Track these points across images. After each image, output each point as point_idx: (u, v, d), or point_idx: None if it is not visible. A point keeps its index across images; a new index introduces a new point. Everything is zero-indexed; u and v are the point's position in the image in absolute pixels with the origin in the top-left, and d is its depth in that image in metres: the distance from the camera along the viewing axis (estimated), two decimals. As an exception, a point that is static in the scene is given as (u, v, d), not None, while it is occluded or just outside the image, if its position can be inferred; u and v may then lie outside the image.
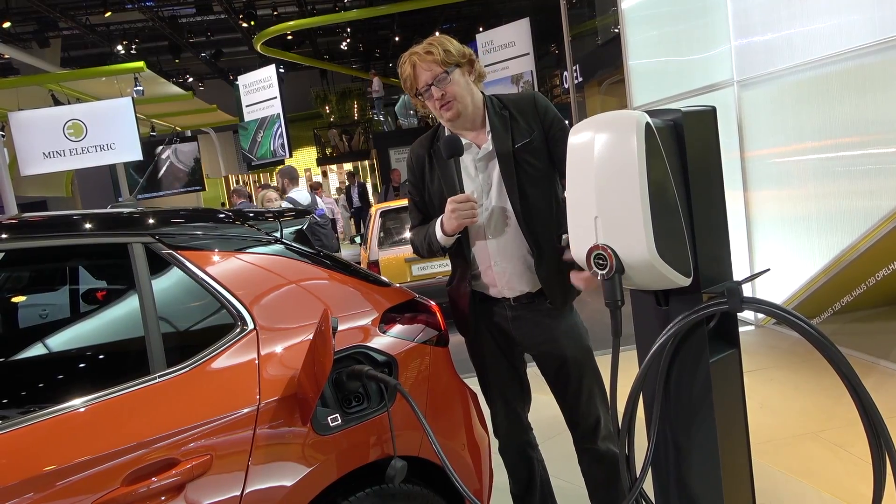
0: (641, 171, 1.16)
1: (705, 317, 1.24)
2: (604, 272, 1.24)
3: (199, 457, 1.48)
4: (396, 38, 20.35)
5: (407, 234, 6.65)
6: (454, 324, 2.25)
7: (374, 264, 6.28)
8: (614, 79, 9.59)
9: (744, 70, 4.97)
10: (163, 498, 1.44)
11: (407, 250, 6.33)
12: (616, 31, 11.52)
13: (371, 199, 16.45)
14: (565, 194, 1.38)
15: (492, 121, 2.08)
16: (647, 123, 1.18)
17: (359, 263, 5.09)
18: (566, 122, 2.10)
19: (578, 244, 1.31)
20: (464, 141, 2.09)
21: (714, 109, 1.30)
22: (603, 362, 2.22)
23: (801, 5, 4.27)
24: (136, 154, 10.94)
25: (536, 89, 11.58)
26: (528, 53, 11.52)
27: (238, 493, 1.53)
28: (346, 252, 12.17)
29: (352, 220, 16.40)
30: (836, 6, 4.01)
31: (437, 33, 2.24)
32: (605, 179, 1.21)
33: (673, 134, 1.24)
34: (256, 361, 1.64)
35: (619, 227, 1.22)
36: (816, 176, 4.44)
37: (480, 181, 2.09)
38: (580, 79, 9.47)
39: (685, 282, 1.25)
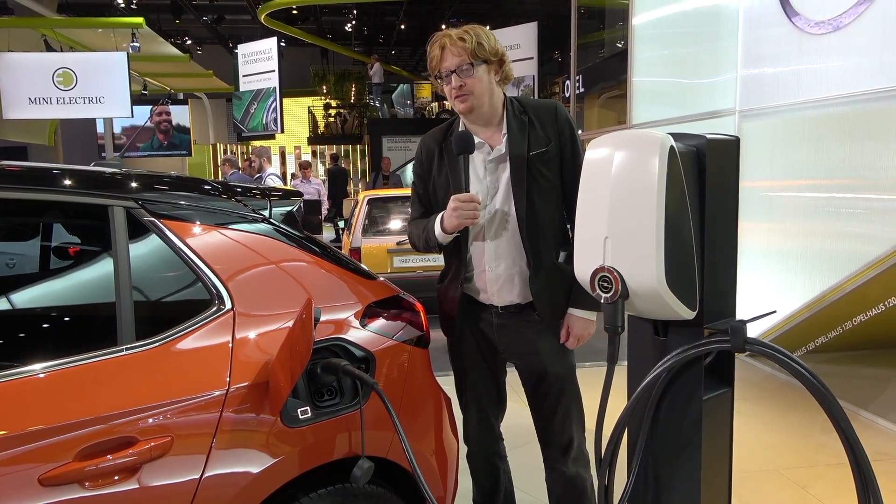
0: (660, 195, 1.11)
1: (704, 353, 1.20)
2: (607, 295, 1.19)
3: (159, 438, 1.41)
4: (402, 26, 20.21)
5: (391, 225, 6.58)
6: (439, 322, 2.20)
7: (356, 251, 6.20)
8: (613, 93, 9.60)
9: (747, 100, 4.97)
10: (116, 477, 1.37)
11: (390, 241, 6.26)
12: (620, 45, 11.53)
13: (350, 188, 16.11)
14: (576, 210, 1.32)
15: (510, 123, 2.03)
16: (672, 147, 1.14)
17: (339, 248, 5.02)
18: (578, 142, 2.06)
19: (583, 263, 1.25)
20: (476, 140, 2.03)
21: (738, 140, 1.26)
22: (583, 375, 2.19)
23: (812, 43, 4.27)
24: (126, 111, 10.73)
25: (536, 95, 11.55)
26: (532, 58, 11.50)
27: (196, 479, 1.46)
28: (325, 236, 12.05)
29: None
30: (846, 48, 4.01)
31: (443, 26, 2.19)
32: (620, 200, 1.17)
33: (694, 160, 1.20)
34: (230, 344, 1.57)
35: (630, 251, 1.17)
36: (807, 213, 4.46)
37: (488, 183, 2.04)
38: (582, 89, 9.45)
39: (689, 315, 1.20)
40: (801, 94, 4.40)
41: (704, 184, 1.20)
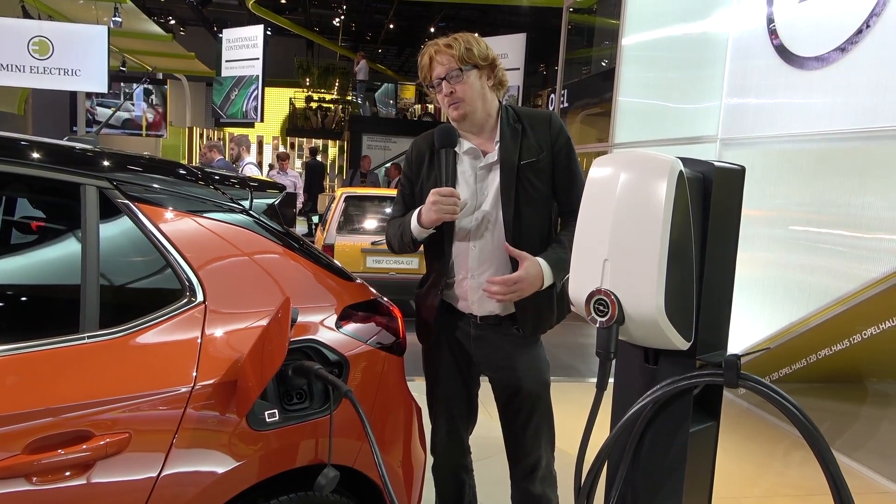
0: (666, 220, 1.08)
1: (694, 385, 1.17)
2: (602, 319, 1.15)
3: (116, 433, 1.33)
4: (391, 26, 20.13)
5: (367, 224, 6.50)
6: (416, 329, 2.15)
7: (329, 248, 6.11)
8: (594, 110, 9.68)
9: (729, 129, 5.02)
10: (67, 473, 1.29)
11: (365, 240, 6.18)
12: (605, 64, 11.63)
13: (326, 183, 15.92)
14: (575, 228, 1.28)
15: (503, 130, 2.00)
16: (681, 171, 1.11)
17: (312, 243, 4.93)
18: (574, 150, 2.03)
19: (580, 283, 1.22)
20: (468, 145, 2.01)
21: (744, 170, 1.24)
22: (556, 390, 2.15)
23: (796, 78, 4.33)
24: (102, 86, 10.46)
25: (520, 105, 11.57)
26: (518, 68, 11.53)
27: (152, 478, 1.38)
28: (297, 229, 11.90)
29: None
30: (832, 85, 4.07)
31: (431, 29, 2.16)
32: (623, 222, 1.13)
33: (699, 187, 1.17)
34: (199, 339, 1.49)
35: (630, 276, 1.13)
36: (778, 245, 4.51)
37: (477, 189, 2.00)
38: (566, 104, 9.50)
39: (684, 346, 1.17)
40: (781, 128, 4.45)
41: (709, 212, 1.18)
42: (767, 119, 4.62)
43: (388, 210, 6.80)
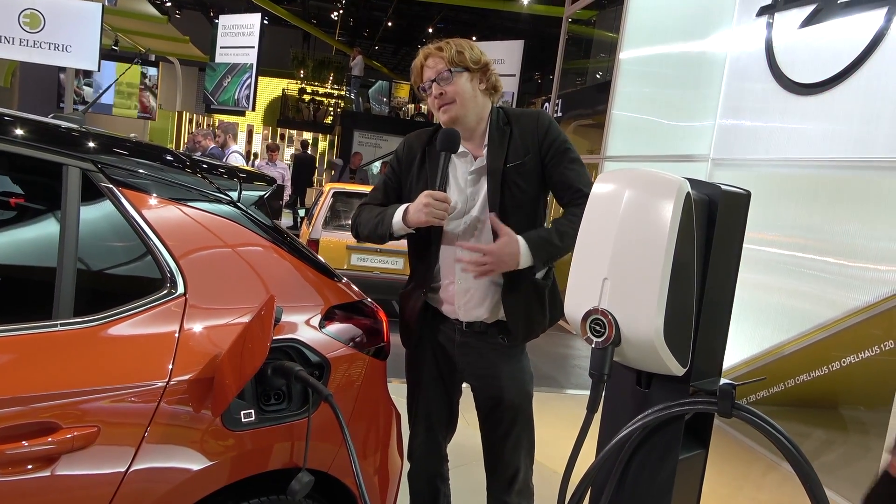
0: (671, 243, 1.05)
1: (686, 413, 1.14)
2: (599, 340, 1.12)
3: (85, 427, 1.28)
4: (389, 24, 20.07)
5: (354, 221, 6.44)
6: (399, 330, 2.11)
7: (314, 243, 6.05)
8: (586, 122, 9.70)
9: (721, 149, 5.04)
10: (29, 466, 1.23)
11: (351, 237, 6.12)
12: (599, 77, 11.67)
13: (315, 178, 15.80)
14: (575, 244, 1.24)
15: (491, 134, 1.97)
16: (689, 193, 1.08)
17: (297, 237, 4.86)
18: (570, 145, 1.96)
19: (576, 301, 1.18)
20: (461, 150, 1.98)
21: (749, 195, 1.22)
22: (535, 400, 2.12)
23: (792, 103, 4.35)
24: (93, 64, 10.26)
25: (514, 110, 11.56)
26: (514, 75, 11.53)
27: (119, 474, 1.33)
28: (282, 221, 11.79)
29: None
30: (826, 113, 4.09)
31: (430, 29, 2.14)
32: (626, 241, 1.10)
33: (705, 210, 1.15)
34: (177, 333, 1.44)
35: (629, 297, 1.10)
36: (764, 267, 4.53)
37: (468, 194, 1.97)
38: (560, 113, 9.51)
39: (679, 371, 1.15)
40: (774, 151, 4.47)
41: (712, 236, 1.15)
42: (760, 142, 4.63)
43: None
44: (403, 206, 1.94)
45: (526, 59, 11.82)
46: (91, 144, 1.51)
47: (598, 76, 11.96)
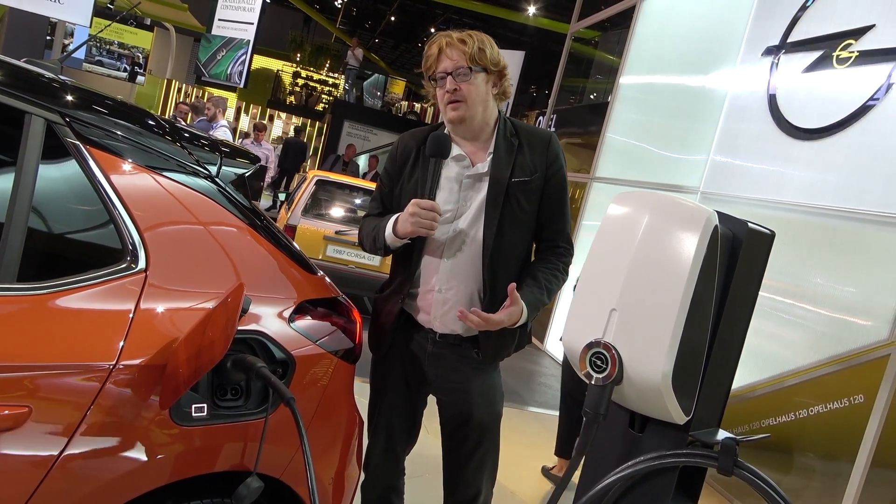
0: (692, 278, 0.95)
1: (682, 464, 1.05)
2: (599, 376, 1.02)
3: (13, 406, 1.15)
4: (392, 18, 19.94)
5: (334, 212, 6.30)
6: (368, 333, 2.00)
7: (291, 229, 5.89)
8: (575, 140, 9.69)
9: (712, 184, 5.02)
10: (-55, 443, 1.09)
11: (329, 227, 5.98)
12: (593, 98, 11.67)
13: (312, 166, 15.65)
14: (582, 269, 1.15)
15: (498, 143, 1.88)
16: (716, 227, 0.98)
17: (274, 220, 4.72)
18: (567, 183, 1.92)
19: (577, 330, 1.08)
20: (458, 151, 1.88)
21: (773, 235, 1.13)
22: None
23: (790, 147, 4.33)
24: (85, 19, 9.95)
25: (509, 121, 11.51)
26: (511, 85, 11.48)
27: (50, 460, 1.20)
28: (262, 203, 11.58)
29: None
30: (820, 160, 4.07)
31: (432, 29, 2.03)
32: (641, 270, 1.00)
33: (727, 246, 1.06)
34: (132, 312, 1.31)
35: (638, 333, 1.00)
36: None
37: (460, 199, 1.87)
38: (553, 128, 9.47)
39: (681, 419, 1.05)
40: (763, 192, 4.45)
41: (733, 275, 1.06)
42: (751, 181, 4.61)
43: (359, 201, 6.63)
44: (394, 218, 1.84)
45: (525, 70, 11.79)
46: (62, 96, 1.38)
47: (591, 97, 11.97)
